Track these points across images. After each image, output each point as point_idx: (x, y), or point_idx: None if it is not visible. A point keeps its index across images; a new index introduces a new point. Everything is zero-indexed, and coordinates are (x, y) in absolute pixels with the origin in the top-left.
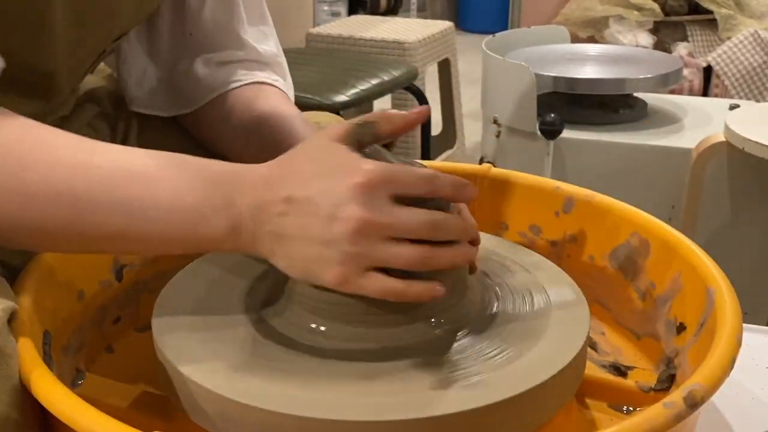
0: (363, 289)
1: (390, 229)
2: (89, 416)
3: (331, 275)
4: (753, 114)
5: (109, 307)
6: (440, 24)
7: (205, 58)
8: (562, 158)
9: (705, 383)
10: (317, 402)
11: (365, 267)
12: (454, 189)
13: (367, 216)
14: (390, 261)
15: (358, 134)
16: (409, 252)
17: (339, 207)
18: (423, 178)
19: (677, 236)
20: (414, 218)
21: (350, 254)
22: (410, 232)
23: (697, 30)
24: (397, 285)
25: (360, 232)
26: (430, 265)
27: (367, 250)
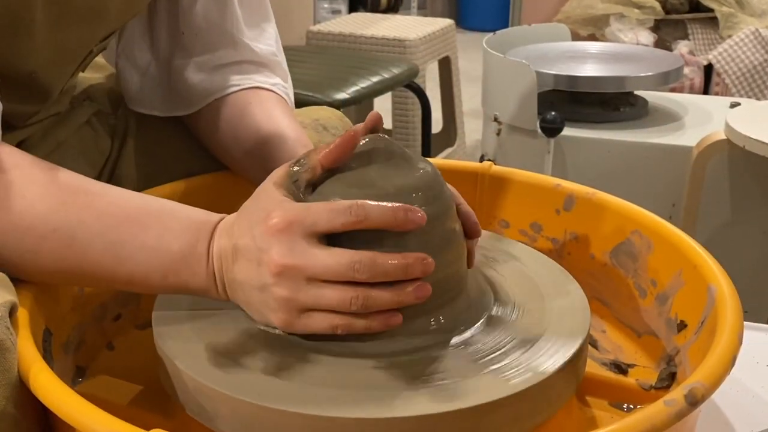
0: (308, 328)
1: (310, 271)
2: (89, 414)
3: (276, 319)
4: (754, 112)
5: (109, 304)
6: (441, 22)
7: (199, 62)
8: (562, 156)
9: (706, 381)
10: (315, 399)
11: (299, 309)
12: (389, 217)
13: (284, 259)
14: (317, 303)
15: (293, 174)
16: (334, 294)
17: (261, 252)
18: (342, 210)
19: (678, 234)
20: (332, 259)
21: (281, 298)
22: (332, 273)
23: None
24: (340, 321)
25: (281, 276)
26: (365, 307)
27: (293, 292)
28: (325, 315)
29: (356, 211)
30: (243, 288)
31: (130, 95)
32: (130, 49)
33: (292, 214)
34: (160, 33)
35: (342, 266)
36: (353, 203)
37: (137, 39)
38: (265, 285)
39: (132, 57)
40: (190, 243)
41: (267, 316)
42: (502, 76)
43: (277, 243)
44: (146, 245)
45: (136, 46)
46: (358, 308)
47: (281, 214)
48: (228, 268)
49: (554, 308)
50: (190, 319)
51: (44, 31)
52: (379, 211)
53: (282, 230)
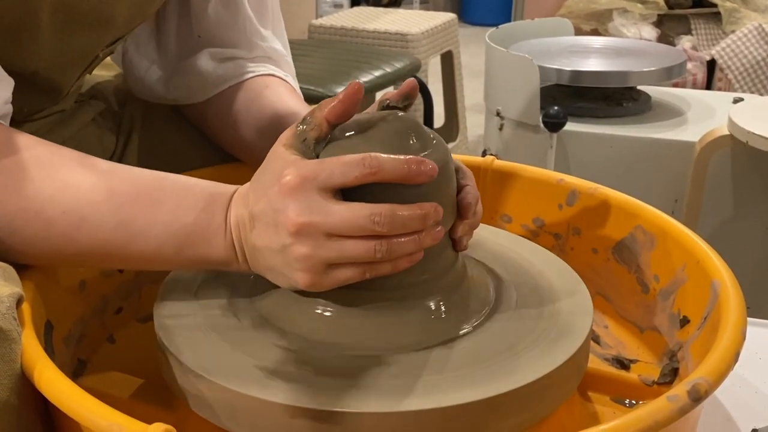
0: (336, 282)
1: (328, 226)
2: (93, 409)
3: (301, 279)
4: (757, 107)
5: (110, 297)
6: (443, 16)
7: (213, 52)
8: (565, 151)
9: (709, 377)
10: (321, 393)
11: (323, 266)
12: (402, 170)
13: (301, 217)
14: (341, 257)
15: (300, 133)
16: (357, 245)
17: (277, 213)
18: (355, 163)
19: (681, 229)
20: (350, 213)
21: (303, 257)
22: (351, 227)
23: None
24: (366, 268)
25: (299, 234)
26: (389, 253)
27: (314, 249)
28: (350, 266)
29: (370, 163)
30: (263, 254)
31: (136, 88)
32: (137, 47)
33: (305, 171)
34: (169, 36)
35: (361, 219)
36: (366, 155)
37: (141, 44)
38: (285, 246)
39: (135, 60)
40: (205, 215)
41: (292, 277)
42: (505, 70)
43: (293, 201)
44: (159, 220)
45: (142, 46)
46: (382, 255)
47: (294, 172)
48: (246, 236)
49: (557, 303)
50: (191, 312)
51: (49, 36)
52: (392, 162)
53: (296, 187)
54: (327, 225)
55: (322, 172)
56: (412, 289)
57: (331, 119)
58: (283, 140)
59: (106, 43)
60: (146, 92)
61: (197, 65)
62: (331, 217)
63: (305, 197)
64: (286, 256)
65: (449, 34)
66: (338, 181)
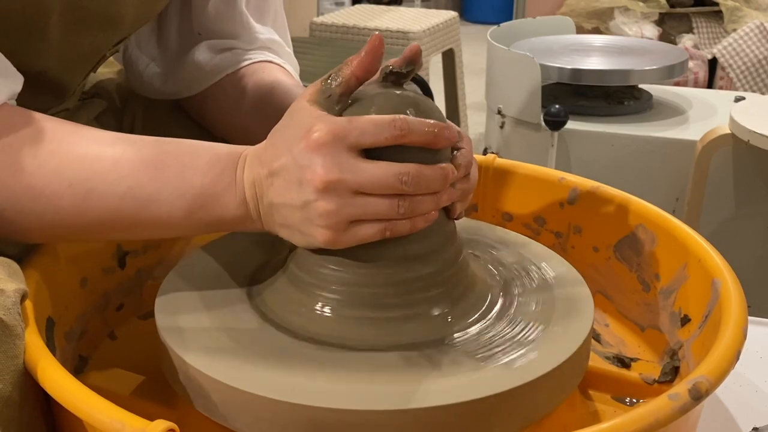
0: (356, 239)
1: (356, 183)
2: (96, 405)
3: (320, 235)
4: (758, 106)
5: (112, 294)
6: (444, 14)
7: (210, 44)
8: (566, 149)
9: (710, 375)
10: (324, 391)
11: (346, 222)
12: (430, 134)
13: (329, 174)
14: (365, 213)
15: (325, 89)
16: (381, 203)
17: (303, 169)
18: (386, 125)
19: (683, 228)
20: (378, 172)
21: (326, 213)
22: (377, 186)
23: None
24: (384, 224)
25: (327, 190)
26: (410, 210)
27: (339, 206)
28: (372, 223)
29: (400, 125)
30: (280, 210)
31: (137, 84)
32: (137, 44)
33: (337, 127)
34: (170, 33)
35: (390, 178)
36: (396, 117)
37: (145, 37)
38: (308, 202)
39: (140, 50)
40: (215, 176)
41: (311, 234)
42: (506, 68)
43: (321, 157)
44: (168, 184)
45: (143, 43)
46: (404, 211)
47: (324, 128)
48: (263, 194)
49: (558, 302)
50: (193, 309)
51: (57, 36)
52: (420, 126)
53: (326, 144)
54: (356, 182)
55: (354, 130)
56: (413, 286)
57: (359, 74)
58: (307, 96)
59: (113, 43)
60: (146, 88)
61: (195, 57)
62: (361, 175)
63: (335, 154)
64: (308, 212)
65: (450, 32)
66: (368, 141)
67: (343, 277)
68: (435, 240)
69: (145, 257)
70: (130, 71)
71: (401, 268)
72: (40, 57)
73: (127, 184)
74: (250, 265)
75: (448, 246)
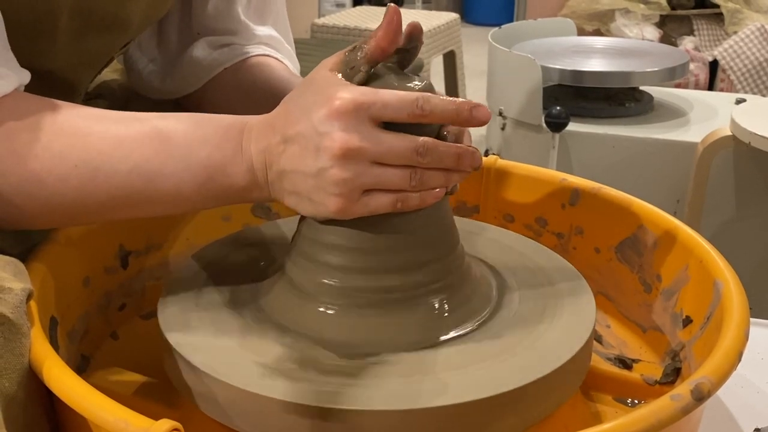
0: (367, 208)
1: (374, 153)
2: (101, 405)
3: (331, 205)
4: (759, 108)
5: (114, 293)
6: (445, 16)
7: (209, 40)
8: (567, 151)
9: (712, 376)
10: (325, 391)
11: (359, 191)
12: (452, 112)
13: (350, 142)
14: (380, 183)
15: (349, 60)
16: (397, 173)
17: (322, 136)
18: (409, 101)
19: (684, 229)
20: (398, 143)
21: (341, 181)
22: (395, 156)
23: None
24: (396, 196)
25: (345, 158)
26: (422, 183)
27: (355, 174)
28: (384, 194)
29: (422, 104)
30: (291, 177)
31: (138, 84)
32: (138, 44)
33: (361, 97)
34: (170, 34)
35: (409, 150)
36: (420, 95)
37: (145, 37)
38: (323, 169)
39: (140, 50)
40: (220, 145)
41: (322, 202)
42: (508, 70)
43: (343, 125)
44: (173, 157)
45: (144, 43)
46: (416, 184)
47: (348, 96)
48: (273, 161)
49: (560, 303)
50: (195, 309)
51: (66, 37)
52: (443, 105)
53: (348, 112)
54: (375, 152)
55: (378, 102)
56: (415, 290)
57: (384, 45)
58: (330, 65)
59: (121, 45)
60: (146, 87)
61: (193, 54)
62: (380, 145)
63: (357, 123)
64: (322, 180)
65: (452, 34)
66: (390, 115)
67: (342, 283)
68: (437, 246)
69: (147, 257)
70: (131, 71)
71: (401, 274)
72: (48, 58)
73: (132, 161)
74: (252, 266)
75: (450, 251)
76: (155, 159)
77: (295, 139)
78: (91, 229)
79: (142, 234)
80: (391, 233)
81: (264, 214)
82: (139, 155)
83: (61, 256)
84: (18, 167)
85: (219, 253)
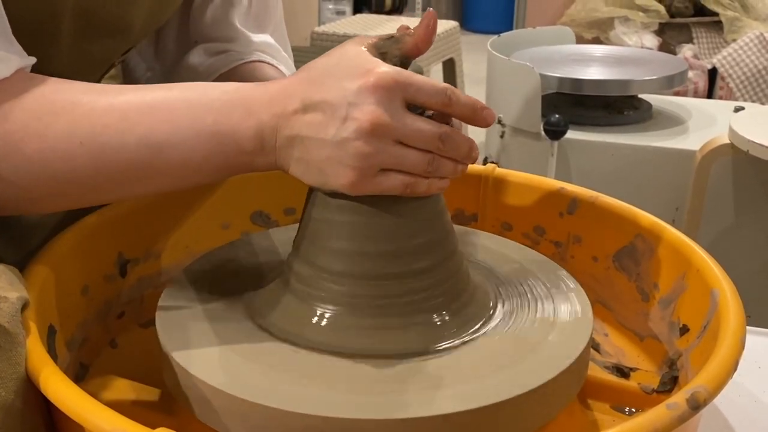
0: (379, 187)
1: (401, 133)
2: (99, 413)
3: (344, 177)
4: (758, 116)
5: (113, 302)
6: (445, 23)
7: (205, 47)
8: (566, 159)
9: (708, 385)
10: (322, 400)
11: (376, 168)
12: (469, 109)
13: (381, 117)
14: (398, 163)
15: (383, 46)
16: (416, 157)
17: (353, 107)
18: (440, 90)
19: (681, 238)
20: (425, 127)
21: (362, 154)
22: (420, 140)
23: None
24: (409, 179)
25: (372, 133)
26: (435, 169)
27: (377, 150)
28: (398, 174)
29: (450, 94)
30: (305, 144)
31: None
32: (137, 50)
33: (401, 77)
34: (168, 41)
35: (434, 134)
36: (448, 86)
37: (144, 44)
38: (346, 140)
39: (138, 57)
40: (226, 111)
41: (333, 173)
42: (507, 78)
43: (377, 99)
44: (179, 126)
45: (142, 50)
46: (431, 169)
47: (385, 74)
48: (285, 126)
49: (557, 311)
50: (193, 317)
51: (68, 42)
52: (465, 99)
53: (384, 88)
54: (401, 132)
55: (413, 85)
56: (414, 296)
57: (421, 45)
58: (362, 43)
59: (122, 51)
60: None
61: (189, 61)
62: (408, 126)
63: (391, 100)
64: (342, 150)
65: (451, 42)
66: (421, 100)
67: (342, 290)
68: (436, 253)
69: (146, 265)
70: (129, 79)
71: (402, 280)
72: (50, 62)
73: (139, 133)
74: (251, 274)
75: (449, 257)
76: (161, 129)
77: (319, 106)
78: (90, 237)
79: (141, 242)
80: (394, 239)
81: (263, 221)
82: (145, 126)
83: (60, 264)
84: (23, 146)
85: (217, 261)
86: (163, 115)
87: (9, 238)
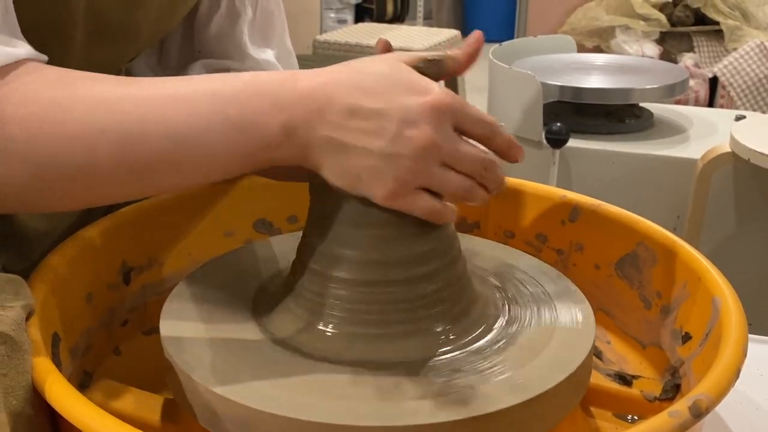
0: (412, 206)
1: (450, 156)
2: (103, 422)
3: (383, 189)
4: (759, 125)
5: (116, 309)
6: (446, 32)
7: (204, 63)
8: (567, 167)
9: (710, 393)
10: (325, 407)
11: (416, 186)
12: (506, 144)
13: (434, 139)
14: (441, 185)
15: (423, 66)
16: (458, 181)
17: (407, 124)
18: (487, 122)
19: (683, 246)
20: (473, 152)
21: (408, 171)
22: (466, 164)
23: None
24: (439, 206)
25: (425, 152)
26: (468, 199)
27: (424, 169)
28: (431, 198)
29: (494, 128)
30: (348, 149)
31: None
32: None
33: (454, 101)
34: (171, 50)
35: (480, 161)
36: (494, 120)
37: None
38: (396, 155)
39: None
40: (251, 99)
41: (373, 182)
42: (508, 86)
43: (432, 120)
44: (201, 115)
45: (145, 58)
46: (467, 196)
47: (444, 96)
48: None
49: (559, 319)
50: (197, 325)
51: (79, 48)
52: (505, 136)
53: (440, 110)
54: (450, 155)
55: (465, 110)
56: (416, 303)
57: (460, 72)
58: (401, 58)
59: (129, 57)
60: None
61: (190, 75)
62: (458, 150)
63: (443, 121)
64: (389, 164)
65: None
66: (467, 127)
67: (346, 295)
68: (439, 259)
69: (150, 273)
70: None
71: (405, 286)
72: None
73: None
74: (254, 281)
75: (452, 264)
76: (178, 121)
77: (370, 115)
78: (94, 245)
79: (145, 250)
80: (399, 247)
81: (266, 229)
82: (166, 117)
83: (64, 272)
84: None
85: (221, 269)
86: (184, 106)
87: (15, 246)
